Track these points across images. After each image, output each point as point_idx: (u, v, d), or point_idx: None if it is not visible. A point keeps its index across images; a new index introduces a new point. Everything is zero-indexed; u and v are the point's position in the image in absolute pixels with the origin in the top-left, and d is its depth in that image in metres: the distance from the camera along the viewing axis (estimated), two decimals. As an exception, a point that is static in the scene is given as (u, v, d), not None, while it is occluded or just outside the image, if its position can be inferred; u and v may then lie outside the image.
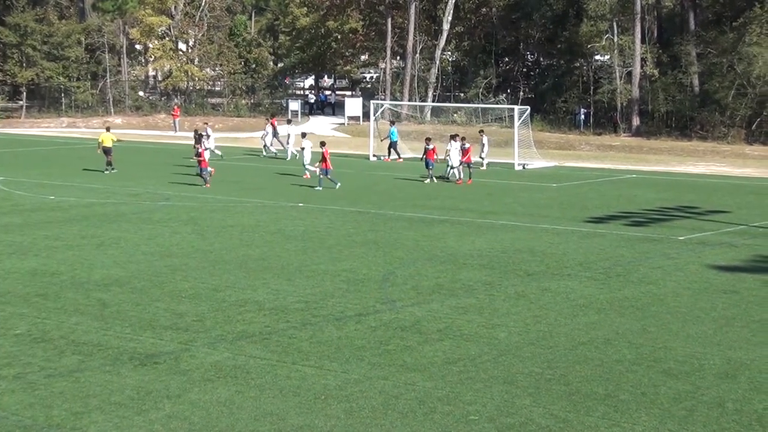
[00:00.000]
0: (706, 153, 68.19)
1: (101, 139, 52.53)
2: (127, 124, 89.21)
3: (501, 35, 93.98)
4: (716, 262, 29.28)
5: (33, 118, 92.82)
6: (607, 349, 20.05)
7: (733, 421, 16.05)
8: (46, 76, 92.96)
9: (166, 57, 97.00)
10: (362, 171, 55.10)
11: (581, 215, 38.64)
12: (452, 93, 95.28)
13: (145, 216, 37.25)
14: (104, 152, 51.92)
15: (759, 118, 73.05)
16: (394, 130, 62.15)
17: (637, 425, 15.86)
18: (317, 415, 16.15)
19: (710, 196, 45.28)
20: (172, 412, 16.26)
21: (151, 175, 51.19)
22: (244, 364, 18.79)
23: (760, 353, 19.84)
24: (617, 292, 25.31)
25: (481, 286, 25.91)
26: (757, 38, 71.88)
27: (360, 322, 22.05)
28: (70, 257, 29.12)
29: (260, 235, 33.36)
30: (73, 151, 66.18)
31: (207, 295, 24.45)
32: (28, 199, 41.66)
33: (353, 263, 28.57)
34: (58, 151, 64.58)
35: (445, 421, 15.97)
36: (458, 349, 19.99)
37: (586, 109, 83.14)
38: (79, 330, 21.22)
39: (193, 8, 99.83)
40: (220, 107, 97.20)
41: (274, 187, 46.74)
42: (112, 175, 50.67)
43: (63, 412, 16.23)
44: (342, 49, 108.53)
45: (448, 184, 48.85)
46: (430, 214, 38.31)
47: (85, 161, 56.40)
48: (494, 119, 75.72)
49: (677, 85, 76.91)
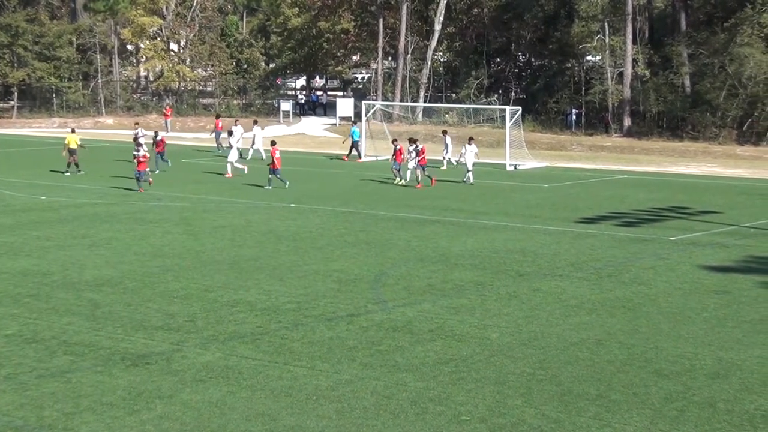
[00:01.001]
0: (698, 153, 68.27)
1: (68, 140, 52.27)
2: (118, 125, 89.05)
3: (492, 36, 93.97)
4: (707, 263, 29.33)
5: (24, 118, 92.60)
6: (599, 349, 20.08)
7: (724, 422, 16.07)
8: (38, 76, 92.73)
9: (157, 57, 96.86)
10: (353, 171, 55.07)
11: (573, 216, 38.68)
12: (444, 93, 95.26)
13: (136, 216, 37.20)
14: (69, 153, 51.65)
15: (750, 118, 73.13)
16: (355, 129, 62.52)
17: (629, 425, 15.88)
18: (309, 416, 16.15)
19: (701, 197, 45.35)
20: (164, 413, 16.25)
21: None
22: (236, 365, 18.78)
23: (751, 353, 19.88)
24: (609, 292, 25.34)
25: (473, 286, 25.92)
26: (748, 39, 71.94)
27: (352, 322, 22.06)
28: (62, 257, 29.08)
29: (252, 235, 33.35)
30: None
31: (198, 296, 24.43)
32: (19, 199, 41.59)
33: (345, 263, 28.57)
34: (49, 152, 64.37)
35: (437, 421, 15.97)
36: (450, 349, 20.00)
37: (578, 110, 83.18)
38: (70, 330, 21.20)
39: (185, 8, 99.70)
40: (211, 108, 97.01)
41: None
42: (99, 176, 50.51)
43: (54, 413, 16.21)
44: (333, 50, 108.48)
45: (447, 185, 48.71)
46: (422, 215, 38.32)
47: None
48: (486, 120, 75.76)
49: (668, 86, 76.94)
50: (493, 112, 72.55)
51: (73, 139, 52.31)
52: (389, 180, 49.46)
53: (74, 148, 51.83)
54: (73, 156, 51.64)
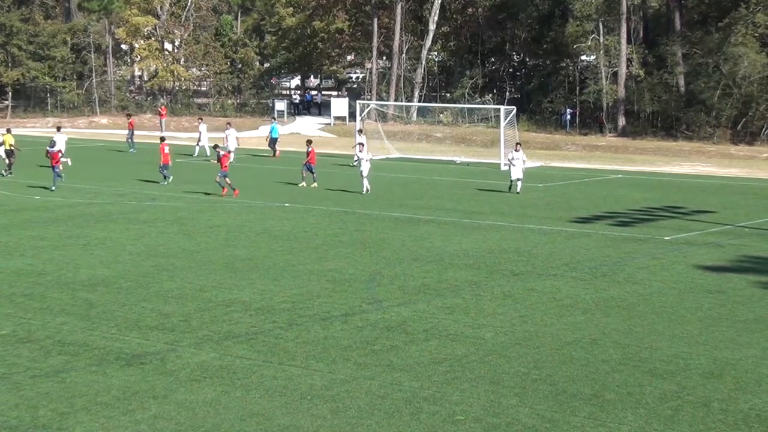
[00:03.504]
0: (692, 153, 68.35)
1: (4, 139, 51.75)
2: (113, 124, 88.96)
3: (487, 35, 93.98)
4: (702, 262, 29.35)
5: (18, 118, 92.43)
6: (593, 349, 20.09)
7: (718, 421, 16.09)
8: (32, 76, 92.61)
9: (152, 57, 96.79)
10: (348, 171, 55.04)
11: (567, 215, 38.69)
12: (438, 93, 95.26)
13: (131, 216, 37.17)
14: (6, 155, 50.96)
15: (744, 118, 73.23)
16: (275, 126, 62.92)
17: (623, 425, 15.89)
18: (303, 415, 16.14)
19: (696, 196, 45.39)
20: (159, 413, 16.24)
21: (136, 175, 51.05)
22: (231, 365, 18.77)
23: (745, 353, 19.90)
24: (603, 292, 25.36)
25: (468, 286, 25.93)
26: (742, 39, 72.05)
27: (346, 322, 22.05)
28: (56, 257, 29.05)
29: (246, 235, 33.33)
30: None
31: (193, 296, 24.42)
32: (13, 199, 41.52)
33: (339, 263, 28.56)
34: (43, 152, 64.20)
35: (432, 421, 15.97)
36: (444, 349, 20.01)
37: (572, 110, 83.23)
38: (65, 330, 21.18)
39: (179, 8, 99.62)
40: (206, 107, 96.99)
41: (259, 187, 46.67)
42: (93, 176, 50.40)
43: (49, 413, 16.19)
44: (328, 49, 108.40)
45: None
46: (417, 214, 38.32)
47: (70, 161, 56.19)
48: (480, 119, 75.75)
49: (663, 86, 77.02)
50: (488, 112, 72.55)
51: (9, 138, 51.50)
52: (403, 178, 49.47)
53: (9, 149, 50.89)
54: (11, 158, 50.74)
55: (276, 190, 45.13)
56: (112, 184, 46.92)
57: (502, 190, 46.36)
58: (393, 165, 58.47)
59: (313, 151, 47.73)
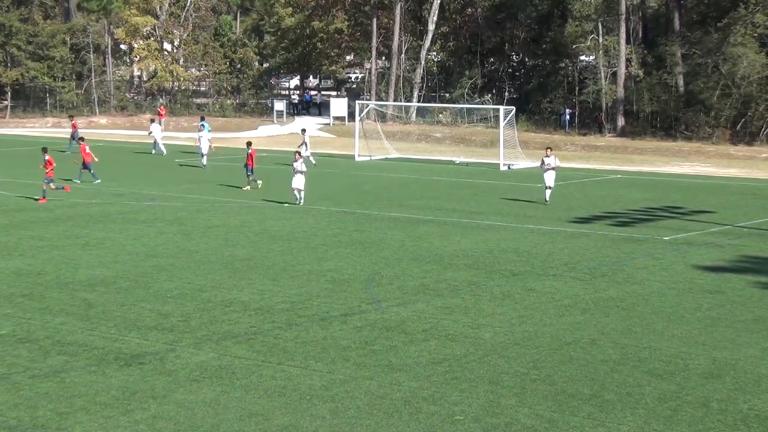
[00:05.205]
0: (691, 153, 68.35)
1: None
2: (112, 125, 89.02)
3: (486, 36, 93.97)
4: (701, 262, 29.36)
5: (18, 118, 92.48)
6: (593, 349, 20.09)
7: (717, 421, 16.09)
8: (31, 76, 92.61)
9: (151, 57, 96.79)
10: (347, 171, 55.06)
11: (566, 215, 38.70)
12: (438, 93, 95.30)
13: (130, 216, 37.17)
14: None
15: (743, 118, 73.22)
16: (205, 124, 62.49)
17: (623, 425, 15.89)
18: (303, 415, 16.14)
19: (695, 197, 45.40)
20: (158, 413, 16.24)
21: (136, 175, 51.07)
22: (230, 365, 18.77)
23: (744, 353, 19.90)
24: (602, 292, 25.36)
25: (467, 286, 25.93)
26: (741, 39, 72.05)
27: (345, 322, 22.05)
28: (55, 257, 29.05)
29: (245, 235, 33.33)
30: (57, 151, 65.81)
31: (192, 296, 24.42)
32: (12, 199, 41.53)
33: (338, 263, 28.56)
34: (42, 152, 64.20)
35: (431, 421, 15.97)
36: (444, 349, 20.01)
37: (572, 110, 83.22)
38: (64, 330, 21.17)
39: (179, 8, 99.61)
40: (205, 107, 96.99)
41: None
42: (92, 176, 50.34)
43: (48, 413, 16.19)
44: (327, 50, 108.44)
45: (441, 185, 48.76)
46: (416, 215, 38.32)
47: (67, 161, 56.18)
48: (479, 119, 75.80)
49: (662, 86, 77.02)
50: (487, 112, 72.59)
51: None
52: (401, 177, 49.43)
53: None
54: None
55: (274, 191, 44.95)
56: (112, 184, 46.89)
57: (502, 189, 46.36)
58: (392, 165, 58.48)
59: (253, 152, 46.62)
